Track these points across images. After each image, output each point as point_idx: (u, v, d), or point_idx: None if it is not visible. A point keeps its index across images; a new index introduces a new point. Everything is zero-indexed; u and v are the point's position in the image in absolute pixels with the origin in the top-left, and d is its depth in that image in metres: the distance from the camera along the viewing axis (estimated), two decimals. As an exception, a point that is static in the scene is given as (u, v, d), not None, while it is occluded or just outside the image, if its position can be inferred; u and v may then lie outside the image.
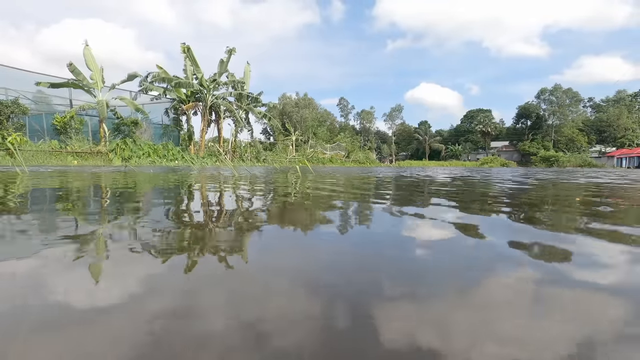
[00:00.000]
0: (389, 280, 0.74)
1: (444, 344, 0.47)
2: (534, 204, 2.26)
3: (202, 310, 0.58)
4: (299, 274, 0.79)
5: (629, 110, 52.72)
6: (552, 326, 0.53)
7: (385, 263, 0.88)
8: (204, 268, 0.83)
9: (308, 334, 0.50)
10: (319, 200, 2.29)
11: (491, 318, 0.56)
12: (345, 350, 0.46)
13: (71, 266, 0.81)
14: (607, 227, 1.37)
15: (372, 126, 65.08)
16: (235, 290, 0.68)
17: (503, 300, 0.64)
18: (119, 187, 3.18)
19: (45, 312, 0.57)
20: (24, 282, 0.72)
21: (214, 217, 1.60)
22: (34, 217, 1.54)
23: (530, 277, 0.77)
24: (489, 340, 0.49)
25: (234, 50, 21.58)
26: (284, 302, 0.63)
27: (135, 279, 0.75)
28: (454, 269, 0.83)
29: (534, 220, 1.61)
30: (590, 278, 0.78)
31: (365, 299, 0.63)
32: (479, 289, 0.70)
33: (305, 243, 1.12)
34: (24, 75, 16.93)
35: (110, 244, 1.04)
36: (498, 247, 1.06)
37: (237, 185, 3.66)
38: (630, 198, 2.71)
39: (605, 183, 4.78)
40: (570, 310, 0.60)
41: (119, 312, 0.57)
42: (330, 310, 0.58)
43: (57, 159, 14.69)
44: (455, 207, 2.01)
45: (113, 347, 0.46)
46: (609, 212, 1.86)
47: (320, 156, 31.90)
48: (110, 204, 2.04)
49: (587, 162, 42.52)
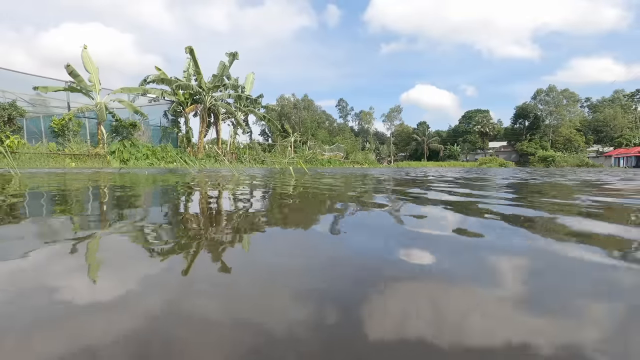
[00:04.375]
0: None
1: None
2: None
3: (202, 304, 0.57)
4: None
5: (625, 110, 53.01)
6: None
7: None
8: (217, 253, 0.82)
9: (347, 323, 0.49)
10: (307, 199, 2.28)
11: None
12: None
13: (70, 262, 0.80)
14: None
15: (370, 127, 65.19)
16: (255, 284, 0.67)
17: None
18: (109, 186, 3.16)
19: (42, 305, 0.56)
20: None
21: (216, 213, 1.59)
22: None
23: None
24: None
25: (237, 54, 21.59)
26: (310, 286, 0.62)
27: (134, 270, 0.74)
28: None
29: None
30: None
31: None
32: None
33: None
34: (21, 77, 16.87)
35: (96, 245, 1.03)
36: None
37: (238, 184, 3.65)
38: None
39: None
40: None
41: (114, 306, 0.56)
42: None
43: (54, 162, 14.64)
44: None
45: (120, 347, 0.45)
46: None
47: (319, 157, 31.92)
48: (98, 202, 2.03)
49: (585, 162, 42.69)
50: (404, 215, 1.63)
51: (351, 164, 34.04)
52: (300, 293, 0.64)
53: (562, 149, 50.65)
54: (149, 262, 0.85)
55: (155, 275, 0.75)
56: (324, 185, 3.66)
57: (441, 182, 4.38)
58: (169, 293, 0.64)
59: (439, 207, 1.91)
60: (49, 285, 0.67)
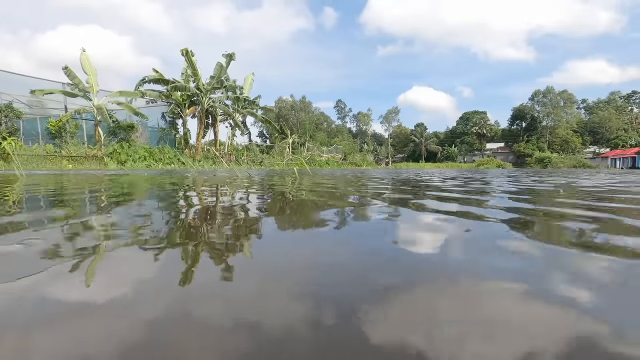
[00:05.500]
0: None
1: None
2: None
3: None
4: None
5: (619, 111, 53.32)
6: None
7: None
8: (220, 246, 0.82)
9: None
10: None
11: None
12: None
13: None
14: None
15: (368, 128, 65.28)
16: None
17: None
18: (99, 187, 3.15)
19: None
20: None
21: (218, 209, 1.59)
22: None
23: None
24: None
25: (233, 55, 21.54)
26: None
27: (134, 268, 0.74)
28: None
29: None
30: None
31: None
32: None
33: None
34: (18, 79, 16.78)
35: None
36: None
37: (237, 185, 3.64)
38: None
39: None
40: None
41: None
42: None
43: (52, 163, 14.56)
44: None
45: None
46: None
47: (317, 159, 31.91)
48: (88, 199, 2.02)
49: (582, 162, 42.87)
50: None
51: (349, 165, 34.08)
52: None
53: (558, 150, 50.87)
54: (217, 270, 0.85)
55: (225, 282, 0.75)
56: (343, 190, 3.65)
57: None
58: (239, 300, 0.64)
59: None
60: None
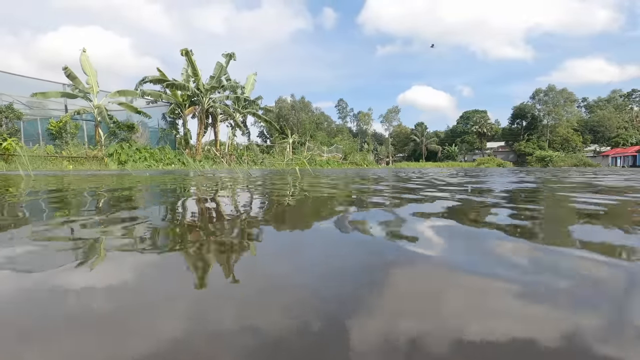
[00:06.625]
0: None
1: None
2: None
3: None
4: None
5: (619, 110, 53.24)
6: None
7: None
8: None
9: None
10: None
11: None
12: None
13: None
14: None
15: (369, 128, 65.24)
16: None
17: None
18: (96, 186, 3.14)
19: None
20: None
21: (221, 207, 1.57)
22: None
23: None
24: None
25: (233, 55, 21.53)
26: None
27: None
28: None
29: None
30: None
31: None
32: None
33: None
34: (18, 80, 16.77)
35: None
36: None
37: (238, 184, 3.63)
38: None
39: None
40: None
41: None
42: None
43: (52, 164, 14.55)
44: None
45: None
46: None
47: (317, 159, 31.87)
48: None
49: (583, 161, 42.81)
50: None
51: (350, 165, 34.04)
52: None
53: (559, 149, 50.80)
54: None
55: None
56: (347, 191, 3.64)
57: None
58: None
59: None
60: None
